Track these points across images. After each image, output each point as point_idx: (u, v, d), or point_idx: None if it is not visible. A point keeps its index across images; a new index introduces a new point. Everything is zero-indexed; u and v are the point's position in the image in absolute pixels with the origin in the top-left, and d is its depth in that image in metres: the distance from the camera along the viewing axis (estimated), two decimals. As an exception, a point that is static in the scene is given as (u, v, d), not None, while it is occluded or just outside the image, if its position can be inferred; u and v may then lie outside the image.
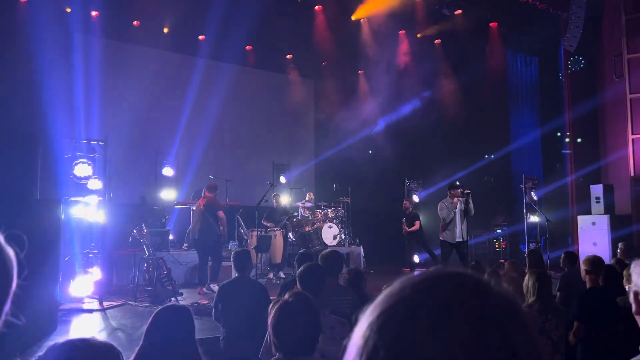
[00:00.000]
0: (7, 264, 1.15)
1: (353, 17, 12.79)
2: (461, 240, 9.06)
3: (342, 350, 0.69)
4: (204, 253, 9.01)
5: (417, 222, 11.55)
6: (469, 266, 7.67)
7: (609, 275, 5.18)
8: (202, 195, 9.38)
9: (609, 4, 12.52)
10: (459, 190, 9.10)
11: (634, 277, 1.72)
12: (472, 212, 9.04)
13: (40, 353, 1.38)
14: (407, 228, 11.49)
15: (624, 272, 4.70)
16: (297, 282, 3.88)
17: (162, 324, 2.57)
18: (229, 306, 4.88)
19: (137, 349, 2.48)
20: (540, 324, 4.20)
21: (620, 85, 12.32)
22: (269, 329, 2.50)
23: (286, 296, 2.61)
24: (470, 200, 8.96)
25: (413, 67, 13.47)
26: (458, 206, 9.04)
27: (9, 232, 1.21)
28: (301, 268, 3.98)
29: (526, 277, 4.47)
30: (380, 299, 0.67)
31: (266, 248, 9.59)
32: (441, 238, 9.31)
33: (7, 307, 1.18)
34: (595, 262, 4.75)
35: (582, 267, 4.80)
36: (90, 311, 7.16)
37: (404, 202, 12.07)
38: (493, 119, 13.53)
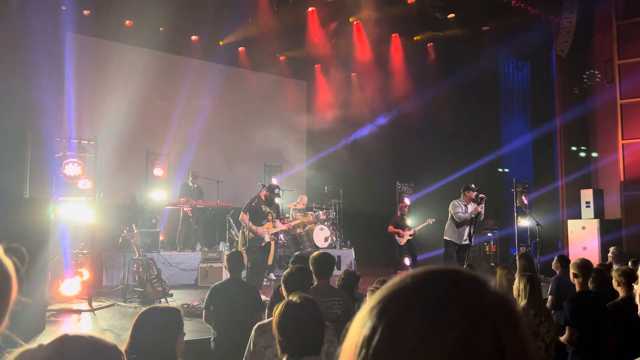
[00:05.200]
0: (5, 278, 1.10)
1: (346, 20, 12.80)
2: (467, 242, 8.95)
3: (324, 353, 0.70)
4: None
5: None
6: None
7: (599, 278, 5.21)
8: None
9: (600, 10, 12.60)
10: (474, 193, 8.99)
11: None
12: (482, 216, 9.03)
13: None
14: (407, 234, 11.09)
15: (615, 275, 4.70)
16: (282, 284, 3.86)
17: (145, 326, 2.52)
18: (221, 307, 4.85)
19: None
20: (535, 327, 4.21)
21: (611, 91, 12.41)
22: (274, 329, 2.49)
23: (291, 296, 2.59)
24: (483, 205, 8.87)
25: (406, 70, 13.50)
26: (470, 209, 8.94)
27: (9, 245, 1.18)
28: (286, 270, 3.97)
29: (516, 281, 4.48)
30: (382, 288, 0.71)
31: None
32: (447, 237, 9.14)
33: (5, 320, 1.14)
34: (583, 265, 4.77)
35: (571, 271, 4.82)
36: (79, 312, 7.11)
37: (403, 203, 11.87)
38: (485, 122, 13.57)
